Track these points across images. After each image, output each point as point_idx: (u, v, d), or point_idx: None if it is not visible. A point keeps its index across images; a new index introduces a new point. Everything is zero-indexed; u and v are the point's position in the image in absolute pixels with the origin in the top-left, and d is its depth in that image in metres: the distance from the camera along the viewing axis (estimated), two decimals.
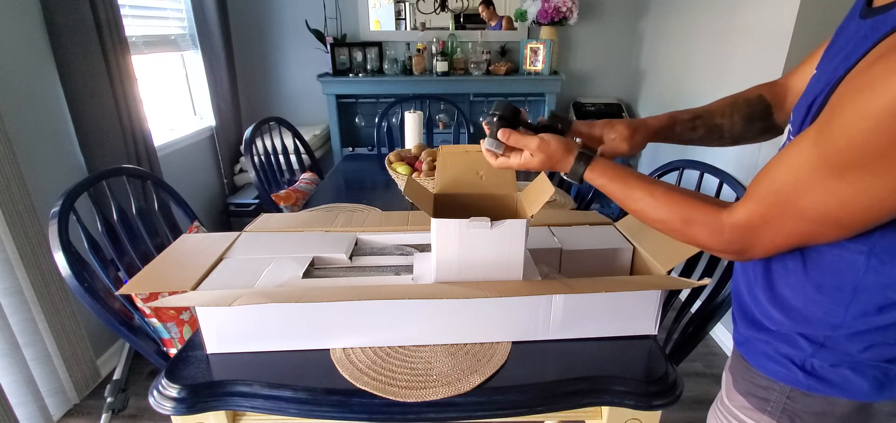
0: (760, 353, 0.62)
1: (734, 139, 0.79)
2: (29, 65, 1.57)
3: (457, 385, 0.73)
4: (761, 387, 0.62)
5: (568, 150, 0.71)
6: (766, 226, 0.52)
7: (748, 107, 0.77)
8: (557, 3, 2.61)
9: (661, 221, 0.62)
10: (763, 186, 0.52)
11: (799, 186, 0.48)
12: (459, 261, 0.79)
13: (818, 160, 0.46)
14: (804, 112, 0.53)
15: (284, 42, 2.90)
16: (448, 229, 0.77)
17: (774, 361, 0.60)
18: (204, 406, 0.74)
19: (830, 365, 0.56)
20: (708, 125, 0.79)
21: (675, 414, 1.64)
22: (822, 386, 0.57)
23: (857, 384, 0.55)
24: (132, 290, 0.88)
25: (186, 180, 2.40)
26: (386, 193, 1.62)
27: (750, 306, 0.65)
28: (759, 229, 0.53)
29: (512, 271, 0.80)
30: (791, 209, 0.49)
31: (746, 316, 0.65)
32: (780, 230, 0.51)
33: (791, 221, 0.50)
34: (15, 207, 1.42)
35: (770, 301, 0.60)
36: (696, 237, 0.59)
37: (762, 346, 0.62)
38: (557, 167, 0.72)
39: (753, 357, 0.64)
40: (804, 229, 0.50)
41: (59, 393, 1.64)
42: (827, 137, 0.45)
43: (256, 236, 1.01)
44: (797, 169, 0.48)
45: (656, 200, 0.62)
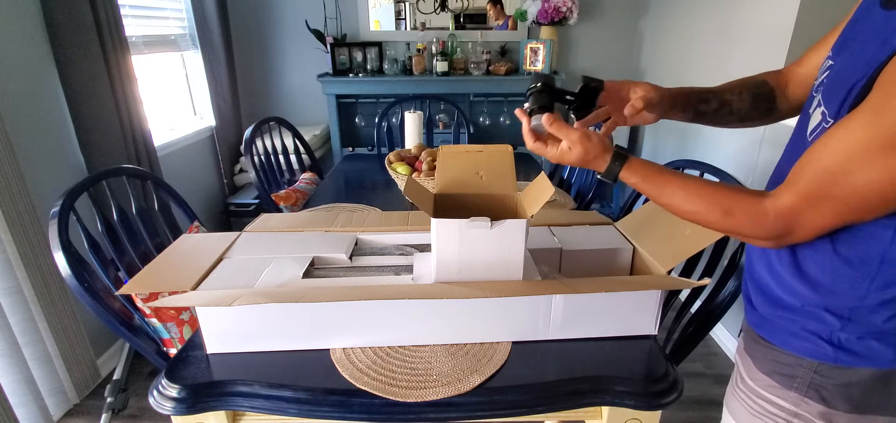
0: (785, 331, 0.64)
1: (740, 118, 0.82)
2: (29, 65, 1.57)
3: (457, 385, 0.73)
4: (787, 365, 0.64)
5: (605, 148, 0.71)
6: (811, 209, 0.53)
7: (755, 88, 0.80)
8: (557, 3, 2.61)
9: (698, 213, 0.63)
10: (809, 170, 0.54)
11: (850, 166, 0.49)
12: (459, 261, 0.79)
13: (874, 139, 0.48)
14: (842, 96, 0.54)
15: (284, 42, 2.90)
16: (448, 229, 0.77)
17: (801, 338, 0.62)
18: (204, 406, 0.74)
19: (857, 337, 0.58)
20: (720, 100, 0.81)
21: (675, 414, 1.64)
22: (850, 358, 0.59)
23: (882, 352, 0.57)
24: (132, 290, 0.88)
25: (186, 180, 2.40)
26: (386, 193, 1.62)
27: (771, 286, 0.66)
28: (804, 213, 0.54)
29: (512, 271, 0.80)
30: (839, 190, 0.51)
31: (767, 296, 0.67)
32: (825, 212, 0.53)
33: (838, 202, 0.51)
34: (15, 207, 1.42)
35: (796, 278, 0.62)
36: (737, 227, 0.60)
37: (787, 324, 0.64)
38: (593, 165, 0.71)
39: (776, 336, 0.65)
40: (848, 209, 0.52)
41: (59, 393, 1.64)
42: (883, 118, 0.47)
43: (256, 236, 1.01)
44: (848, 149, 0.50)
45: (693, 195, 0.63)
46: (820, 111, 0.60)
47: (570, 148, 0.71)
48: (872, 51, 0.52)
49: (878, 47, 0.51)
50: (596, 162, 0.71)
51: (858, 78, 0.52)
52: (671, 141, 2.56)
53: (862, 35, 0.57)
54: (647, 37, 2.83)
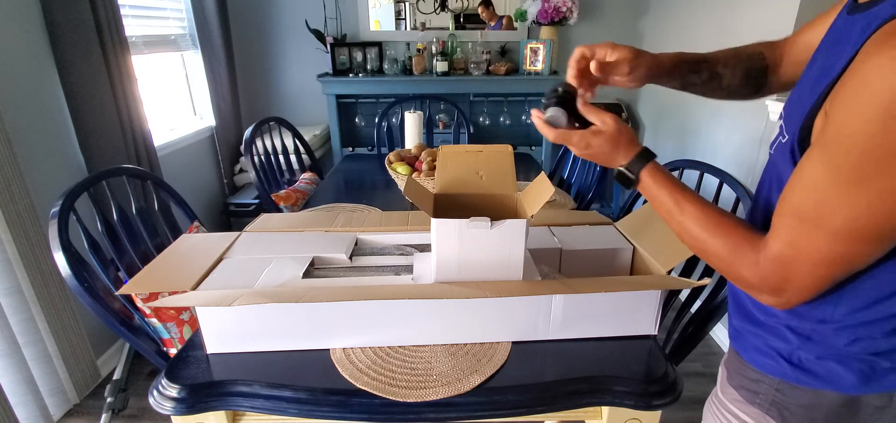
0: (751, 346, 0.63)
1: (730, 92, 0.79)
2: (29, 65, 1.57)
3: (457, 385, 0.73)
4: (752, 380, 0.63)
5: (633, 141, 0.66)
6: (800, 255, 0.49)
7: (749, 61, 0.77)
8: (557, 3, 2.61)
9: (706, 244, 0.58)
10: (785, 213, 0.50)
11: (822, 205, 0.46)
12: (459, 261, 0.79)
13: (834, 174, 0.45)
14: (799, 116, 0.52)
15: (284, 42, 2.90)
16: (448, 229, 0.77)
17: (764, 353, 0.61)
18: (204, 406, 0.74)
19: (816, 358, 0.56)
20: (711, 71, 0.77)
21: (675, 414, 1.64)
22: (809, 379, 0.57)
23: (842, 376, 0.55)
24: (132, 290, 0.88)
25: (186, 180, 2.40)
26: (386, 193, 1.62)
27: (743, 298, 0.65)
28: (794, 261, 0.50)
29: (512, 271, 0.80)
30: (820, 231, 0.47)
31: (740, 308, 0.66)
32: (815, 257, 0.48)
33: (824, 244, 0.47)
34: (15, 207, 1.42)
35: None
36: (739, 272, 0.55)
37: (753, 339, 0.63)
38: (616, 157, 0.66)
39: (745, 351, 0.65)
40: (840, 250, 0.47)
41: (59, 393, 1.64)
42: (836, 149, 0.44)
43: (256, 236, 1.01)
44: (815, 187, 0.47)
45: (708, 220, 0.58)
46: (779, 124, 0.59)
47: (600, 130, 0.66)
48: (828, 65, 0.50)
49: (834, 60, 0.48)
50: (620, 151, 0.66)
51: (812, 94, 0.50)
52: (671, 141, 2.56)
53: (826, 45, 0.55)
54: (647, 37, 2.83)
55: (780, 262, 0.51)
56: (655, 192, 0.64)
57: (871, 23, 0.45)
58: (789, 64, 0.75)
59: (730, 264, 0.56)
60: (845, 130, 0.44)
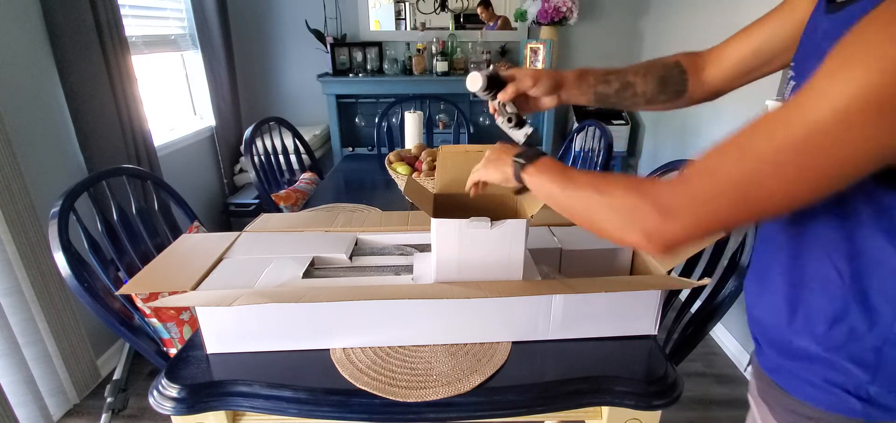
0: (802, 381, 0.56)
1: (647, 101, 0.79)
2: (29, 65, 1.57)
3: (457, 385, 0.73)
4: (808, 418, 0.56)
5: (505, 151, 0.70)
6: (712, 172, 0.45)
7: (664, 70, 0.78)
8: (557, 3, 2.61)
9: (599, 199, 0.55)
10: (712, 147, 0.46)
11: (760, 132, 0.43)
12: (459, 261, 0.79)
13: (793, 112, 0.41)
14: None
15: (284, 42, 2.90)
16: (448, 229, 0.77)
17: (820, 389, 0.54)
18: (204, 406, 0.74)
19: (889, 391, 0.50)
20: (621, 81, 0.78)
21: (675, 414, 1.64)
22: (883, 413, 0.51)
23: None
24: (132, 290, 0.88)
25: (186, 180, 2.40)
26: (386, 193, 1.62)
27: (776, 329, 0.59)
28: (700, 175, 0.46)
29: (512, 272, 0.80)
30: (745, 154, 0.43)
31: (774, 343, 0.60)
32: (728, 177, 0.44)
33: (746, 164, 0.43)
34: (15, 207, 1.42)
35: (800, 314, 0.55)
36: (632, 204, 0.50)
37: (803, 373, 0.56)
38: (499, 170, 0.71)
39: (793, 386, 0.58)
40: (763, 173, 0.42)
41: (59, 393, 1.64)
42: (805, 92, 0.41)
43: (256, 236, 1.01)
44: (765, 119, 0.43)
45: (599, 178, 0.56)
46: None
47: (484, 163, 0.74)
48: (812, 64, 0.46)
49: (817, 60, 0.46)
50: (500, 164, 0.71)
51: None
52: (671, 141, 2.56)
53: (815, 45, 0.52)
54: (647, 37, 2.83)
55: (685, 178, 0.47)
56: (539, 185, 0.65)
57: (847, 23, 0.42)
58: (715, 69, 0.75)
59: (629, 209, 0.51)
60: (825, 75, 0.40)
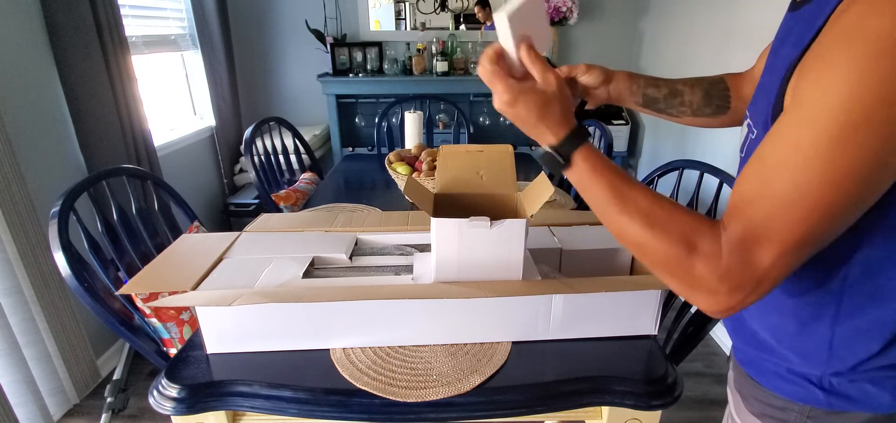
0: (770, 372, 0.59)
1: (693, 111, 0.80)
2: (29, 65, 1.57)
3: (457, 385, 0.73)
4: (777, 408, 0.59)
5: (566, 114, 0.56)
6: (770, 236, 0.42)
7: (709, 85, 0.79)
8: (557, 3, 2.61)
9: (650, 240, 0.49)
10: (749, 189, 0.44)
11: (797, 174, 0.41)
12: (459, 261, 0.79)
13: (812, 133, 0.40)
14: (766, 105, 0.50)
15: (284, 42, 2.90)
16: (448, 229, 0.77)
17: (787, 380, 0.57)
18: (204, 406, 0.74)
19: (849, 381, 0.53)
20: (670, 88, 0.79)
21: (675, 414, 1.64)
22: (843, 402, 0.54)
23: (878, 396, 0.52)
24: (132, 290, 0.88)
25: (186, 180, 2.40)
26: (386, 193, 1.62)
27: (748, 322, 0.62)
28: (761, 243, 0.43)
29: (512, 271, 0.80)
30: (794, 207, 0.41)
31: (746, 334, 0.62)
32: (788, 238, 0.42)
33: (799, 219, 0.41)
34: (15, 207, 1.42)
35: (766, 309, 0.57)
36: (692, 271, 0.46)
37: (771, 366, 0.59)
38: (541, 128, 0.56)
39: (763, 377, 0.60)
40: (816, 224, 0.41)
41: (59, 393, 1.64)
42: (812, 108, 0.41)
43: (256, 236, 1.01)
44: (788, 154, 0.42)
45: (656, 212, 0.49)
46: (747, 123, 0.56)
47: (535, 87, 0.56)
48: (785, 53, 0.48)
49: (791, 49, 0.47)
50: (548, 122, 0.55)
51: (775, 84, 0.48)
52: (671, 141, 2.56)
53: (778, 42, 0.53)
54: (647, 37, 2.83)
55: (745, 246, 0.43)
56: (589, 180, 0.53)
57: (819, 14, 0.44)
58: (751, 88, 0.76)
59: (679, 263, 0.47)
60: (823, 85, 0.39)
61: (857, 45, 0.38)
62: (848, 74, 0.38)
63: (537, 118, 0.55)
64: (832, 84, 0.39)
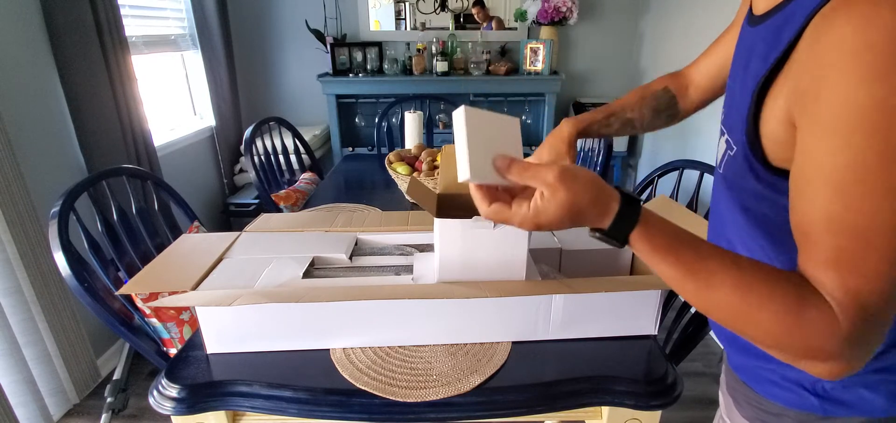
0: (764, 379, 0.59)
1: (644, 129, 0.85)
2: (29, 65, 1.57)
3: (457, 385, 0.73)
4: (771, 414, 0.59)
5: (603, 194, 0.47)
6: (870, 283, 0.38)
7: (655, 100, 0.83)
8: (557, 3, 2.61)
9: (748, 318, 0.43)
10: (818, 237, 0.40)
11: (862, 207, 0.38)
12: (463, 260, 0.79)
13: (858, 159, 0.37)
14: (739, 120, 0.49)
15: (284, 42, 2.90)
16: (451, 229, 0.76)
17: (782, 387, 0.57)
18: (204, 406, 0.74)
19: (843, 386, 0.53)
20: (621, 120, 0.83)
21: (675, 414, 1.64)
22: (836, 408, 0.54)
23: (872, 401, 0.52)
24: (132, 290, 0.88)
25: (186, 180, 2.40)
26: (386, 193, 1.62)
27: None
28: (868, 294, 0.38)
29: (515, 272, 0.80)
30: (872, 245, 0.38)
31: (735, 343, 0.62)
32: (884, 279, 0.38)
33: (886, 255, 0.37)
34: (15, 207, 1.42)
35: None
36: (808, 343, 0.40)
37: (765, 373, 0.58)
38: (587, 218, 0.48)
39: (757, 383, 0.60)
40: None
41: (59, 393, 1.64)
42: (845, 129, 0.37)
43: (256, 236, 1.01)
44: (842, 188, 0.38)
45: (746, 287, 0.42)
46: (724, 139, 0.55)
47: (548, 196, 0.47)
48: (754, 68, 0.48)
49: (759, 63, 0.47)
50: (591, 214, 0.47)
51: (746, 100, 0.48)
52: (671, 141, 2.56)
53: (743, 57, 0.53)
54: (647, 37, 2.83)
55: (858, 304, 0.38)
56: (653, 260, 0.47)
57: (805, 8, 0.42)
58: (694, 89, 0.82)
59: (788, 337, 0.41)
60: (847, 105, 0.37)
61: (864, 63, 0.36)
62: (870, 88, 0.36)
63: (571, 218, 0.47)
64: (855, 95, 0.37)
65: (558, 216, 0.47)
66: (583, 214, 0.47)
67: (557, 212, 0.47)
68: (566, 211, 0.47)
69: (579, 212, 0.47)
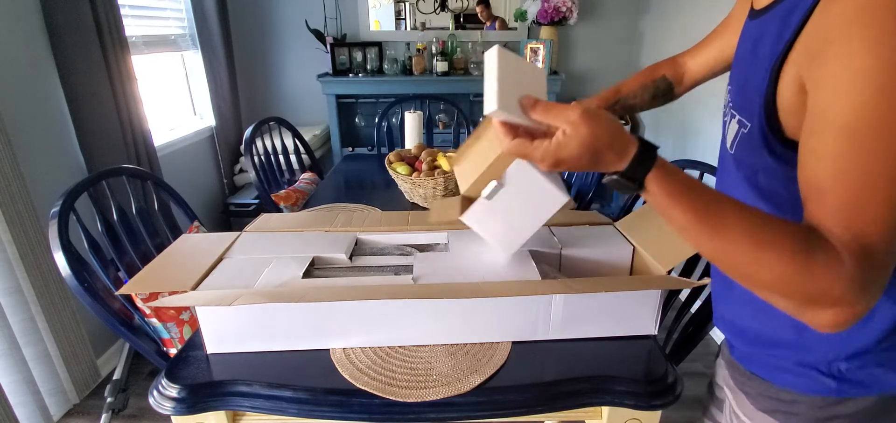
0: (777, 368, 0.59)
1: (644, 109, 0.92)
2: (29, 65, 1.57)
3: (457, 385, 0.73)
4: (786, 402, 0.59)
5: (623, 136, 0.49)
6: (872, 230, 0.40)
7: (654, 87, 0.89)
8: (557, 3, 2.61)
9: (757, 263, 0.44)
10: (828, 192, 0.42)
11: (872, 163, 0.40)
12: (505, 224, 0.80)
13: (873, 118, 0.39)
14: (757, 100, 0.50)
15: (284, 42, 2.90)
16: (474, 214, 0.80)
17: (796, 374, 0.57)
18: (204, 406, 0.74)
19: (858, 366, 0.54)
20: (624, 105, 0.90)
21: (675, 414, 1.64)
22: (853, 388, 0.55)
23: (885, 377, 0.54)
24: (132, 290, 0.88)
25: (186, 180, 2.40)
26: (386, 193, 1.62)
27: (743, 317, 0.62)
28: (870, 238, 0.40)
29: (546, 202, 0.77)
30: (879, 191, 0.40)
31: (743, 335, 0.63)
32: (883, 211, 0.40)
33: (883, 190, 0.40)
34: (15, 207, 1.42)
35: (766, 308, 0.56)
36: (815, 286, 0.42)
37: (775, 361, 0.59)
38: (605, 160, 0.49)
39: (769, 372, 0.61)
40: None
41: (59, 393, 1.64)
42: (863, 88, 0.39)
43: (256, 236, 1.01)
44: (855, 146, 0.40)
45: (755, 232, 0.44)
46: (736, 121, 0.55)
47: (566, 133, 0.48)
48: (765, 52, 0.49)
49: (771, 45, 0.48)
50: (606, 155, 0.48)
51: (763, 78, 0.49)
52: (671, 139, 2.56)
53: (749, 48, 0.55)
54: (647, 37, 2.83)
55: (863, 247, 0.40)
56: (668, 205, 0.48)
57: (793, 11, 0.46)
58: (690, 77, 0.88)
59: (794, 280, 0.43)
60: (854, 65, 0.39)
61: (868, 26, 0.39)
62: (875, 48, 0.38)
63: (590, 156, 0.49)
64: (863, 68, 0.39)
65: (578, 153, 0.48)
66: (602, 153, 0.49)
67: (577, 149, 0.48)
68: (586, 148, 0.48)
69: (599, 151, 0.48)
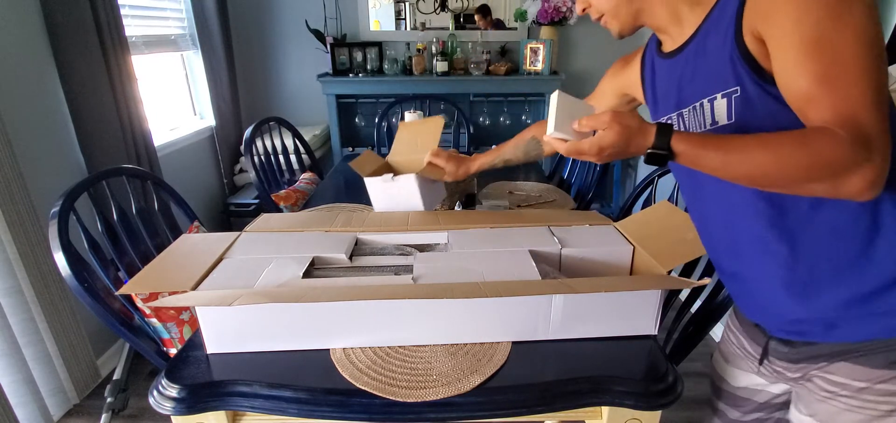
0: (874, 324, 0.64)
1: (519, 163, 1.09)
2: (29, 65, 1.57)
3: (457, 385, 0.73)
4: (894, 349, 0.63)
5: (644, 123, 0.66)
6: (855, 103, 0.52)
7: (526, 147, 1.05)
8: (557, 3, 2.61)
9: (780, 167, 0.56)
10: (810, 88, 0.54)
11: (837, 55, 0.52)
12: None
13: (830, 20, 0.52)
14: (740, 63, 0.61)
15: (284, 42, 2.90)
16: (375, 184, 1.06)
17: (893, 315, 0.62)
18: (204, 406, 0.74)
19: None
20: (502, 160, 1.10)
21: (675, 414, 1.64)
22: None
23: None
24: (132, 290, 0.88)
25: (186, 180, 2.40)
26: None
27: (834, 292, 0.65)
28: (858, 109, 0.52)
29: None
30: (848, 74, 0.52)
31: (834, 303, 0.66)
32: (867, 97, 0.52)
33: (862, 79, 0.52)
34: (15, 207, 1.42)
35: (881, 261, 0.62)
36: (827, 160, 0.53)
37: (870, 318, 0.64)
38: (635, 143, 0.65)
39: (868, 331, 0.64)
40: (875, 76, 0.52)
41: (59, 393, 1.64)
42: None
43: (256, 236, 1.01)
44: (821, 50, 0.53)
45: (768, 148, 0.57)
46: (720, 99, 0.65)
47: (605, 129, 0.66)
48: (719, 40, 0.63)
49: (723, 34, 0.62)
50: (639, 137, 0.65)
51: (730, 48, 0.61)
52: None
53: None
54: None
55: (849, 117, 0.52)
56: (696, 158, 0.62)
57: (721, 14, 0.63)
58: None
59: (822, 165, 0.54)
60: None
61: None
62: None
63: (625, 143, 0.65)
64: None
65: (614, 141, 0.65)
66: (632, 138, 0.65)
67: (614, 138, 0.65)
68: (620, 136, 0.64)
69: (630, 137, 0.65)
